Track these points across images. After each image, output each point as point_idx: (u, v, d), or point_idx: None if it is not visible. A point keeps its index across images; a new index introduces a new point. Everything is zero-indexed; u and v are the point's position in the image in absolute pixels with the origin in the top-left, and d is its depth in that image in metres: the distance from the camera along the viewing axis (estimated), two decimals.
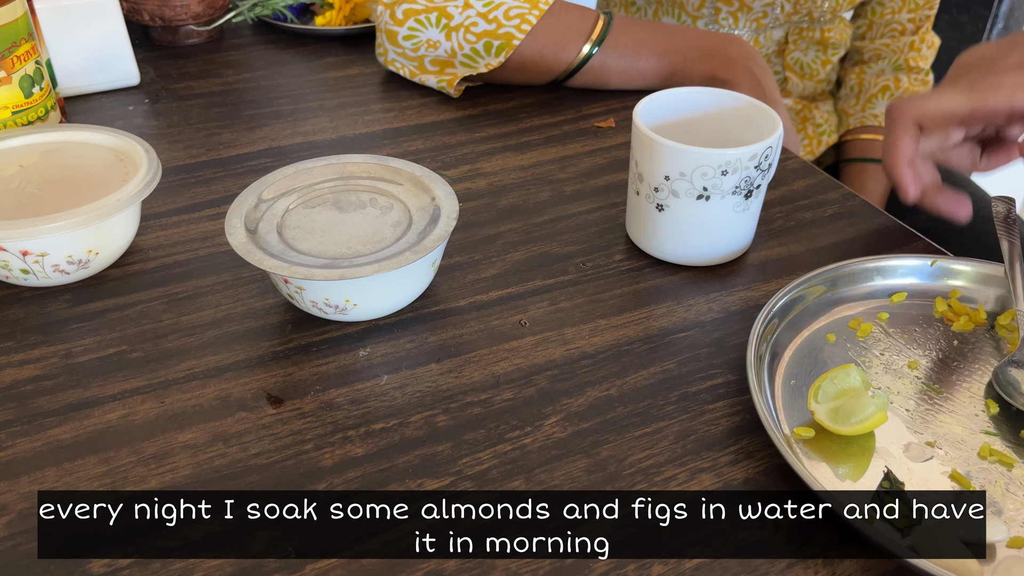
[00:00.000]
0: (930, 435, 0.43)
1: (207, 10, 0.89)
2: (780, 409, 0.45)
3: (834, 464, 0.42)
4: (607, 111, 0.77)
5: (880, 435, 0.43)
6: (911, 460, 0.42)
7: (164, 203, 0.63)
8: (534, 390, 0.47)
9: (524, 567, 0.37)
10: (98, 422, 0.44)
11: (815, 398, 0.44)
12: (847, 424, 0.42)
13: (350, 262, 0.47)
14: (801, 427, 0.43)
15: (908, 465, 0.42)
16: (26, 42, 0.62)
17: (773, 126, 0.53)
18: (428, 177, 0.53)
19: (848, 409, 0.42)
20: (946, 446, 0.43)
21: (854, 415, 0.42)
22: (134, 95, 0.80)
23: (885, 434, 0.43)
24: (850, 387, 0.43)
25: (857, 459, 0.42)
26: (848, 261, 0.52)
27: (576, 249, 0.58)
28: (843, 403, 0.43)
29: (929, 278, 0.53)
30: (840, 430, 0.42)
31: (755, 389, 0.43)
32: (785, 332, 0.49)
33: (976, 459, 0.42)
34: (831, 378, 0.44)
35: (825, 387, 0.44)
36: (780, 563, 0.38)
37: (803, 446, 0.43)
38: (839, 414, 0.43)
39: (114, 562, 0.37)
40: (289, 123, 0.75)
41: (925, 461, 0.42)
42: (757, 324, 0.46)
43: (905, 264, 0.53)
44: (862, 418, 0.42)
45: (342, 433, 0.44)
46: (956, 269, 0.53)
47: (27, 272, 0.51)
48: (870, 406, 0.42)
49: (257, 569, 0.37)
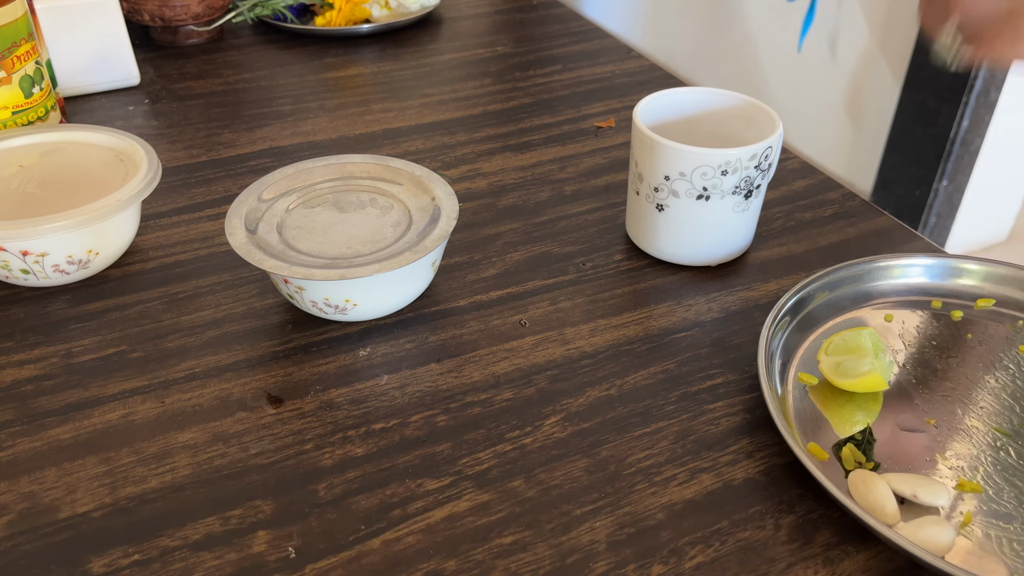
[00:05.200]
0: (934, 417, 0.44)
1: (207, 10, 0.89)
2: (798, 357, 0.47)
3: (830, 415, 0.44)
4: (607, 111, 0.77)
5: (887, 403, 0.45)
6: (899, 428, 0.43)
7: (164, 203, 0.63)
8: (534, 390, 0.47)
9: (524, 567, 0.37)
10: (98, 422, 0.44)
11: (825, 351, 0.46)
12: (845, 378, 0.44)
13: (350, 262, 0.47)
14: (806, 374, 0.46)
15: (893, 431, 0.43)
16: (26, 42, 0.62)
17: (773, 126, 0.53)
18: (428, 177, 0.53)
19: (849, 365, 0.45)
20: (945, 429, 0.43)
21: (852, 371, 0.44)
22: (134, 95, 0.80)
23: (891, 403, 0.45)
24: (859, 346, 0.45)
25: (852, 417, 0.44)
26: (962, 256, 0.53)
27: (576, 249, 0.58)
28: (847, 359, 0.45)
29: (1018, 289, 0.52)
30: (836, 381, 0.45)
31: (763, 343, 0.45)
32: (841, 298, 0.51)
33: (973, 450, 0.42)
34: (844, 336, 0.46)
35: (836, 342, 0.46)
36: (780, 563, 0.38)
37: (805, 389, 0.45)
38: (840, 368, 0.45)
39: (114, 562, 0.37)
40: (289, 123, 0.75)
41: (914, 433, 0.43)
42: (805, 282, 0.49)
43: (999, 272, 0.52)
44: (858, 374, 0.44)
45: (342, 433, 0.44)
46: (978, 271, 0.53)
47: (27, 272, 0.51)
48: (867, 365, 0.44)
49: (257, 569, 0.37)
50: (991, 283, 0.53)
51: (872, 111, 1.64)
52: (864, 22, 1.60)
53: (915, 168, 1.54)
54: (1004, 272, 0.52)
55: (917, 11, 0.50)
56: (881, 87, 1.61)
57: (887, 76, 1.59)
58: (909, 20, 1.51)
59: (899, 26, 1.54)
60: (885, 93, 1.60)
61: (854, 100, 1.68)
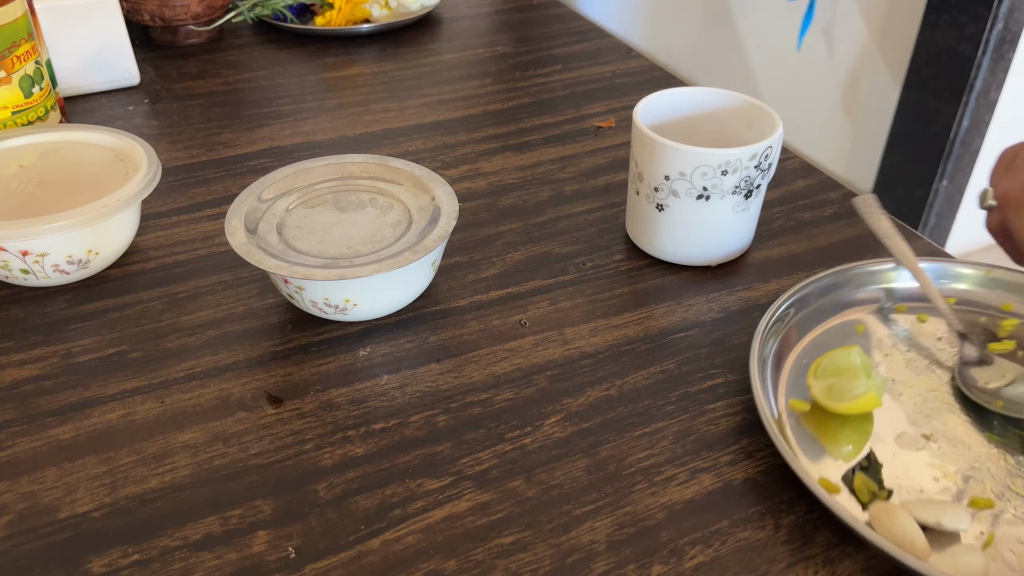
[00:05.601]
0: (929, 429, 0.44)
1: (207, 10, 0.89)
2: (783, 382, 0.46)
3: (824, 440, 0.42)
4: (607, 111, 0.77)
5: (878, 420, 0.44)
6: (899, 447, 0.42)
7: (164, 203, 0.63)
8: (534, 390, 0.46)
9: (524, 567, 0.37)
10: (98, 422, 0.44)
11: (814, 374, 0.45)
12: (840, 401, 0.43)
13: (350, 262, 0.47)
14: (797, 400, 0.44)
15: (894, 451, 0.42)
16: (26, 42, 0.62)
17: (773, 126, 0.53)
18: (428, 177, 0.53)
19: (842, 388, 0.43)
20: (942, 442, 0.43)
21: (848, 394, 0.43)
22: (134, 95, 0.80)
23: (883, 420, 0.44)
24: (849, 366, 0.44)
25: (849, 440, 0.43)
26: (921, 258, 0.52)
27: (576, 249, 0.58)
28: (839, 381, 0.44)
29: (984, 286, 0.52)
30: (832, 406, 0.43)
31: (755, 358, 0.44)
32: (814, 314, 0.49)
33: (973, 461, 0.42)
34: (832, 356, 0.45)
35: (824, 364, 0.45)
36: (780, 563, 0.38)
37: (798, 420, 0.43)
38: (833, 391, 0.43)
39: (114, 562, 0.37)
40: (289, 123, 0.75)
41: (916, 451, 0.42)
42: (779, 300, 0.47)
43: (963, 272, 0.52)
44: (854, 396, 0.43)
45: (342, 433, 0.44)
46: (1007, 280, 0.52)
47: (27, 272, 0.51)
48: (862, 386, 0.43)
49: (257, 569, 0.37)
50: (948, 279, 0.52)
51: (872, 111, 1.64)
52: (864, 22, 1.60)
53: (915, 168, 1.54)
54: (959, 270, 0.52)
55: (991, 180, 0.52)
56: (881, 87, 1.61)
57: (887, 76, 1.59)
58: (909, 20, 1.51)
59: (899, 26, 1.54)
60: (885, 93, 1.60)
61: (854, 100, 1.68)
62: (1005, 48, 1.39)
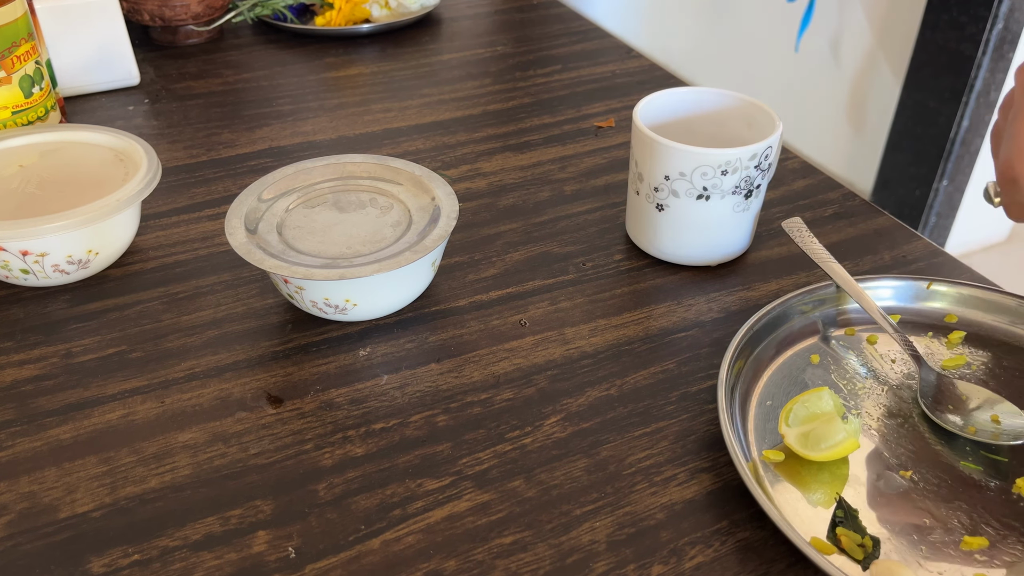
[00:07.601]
0: (907, 466, 0.42)
1: (207, 10, 0.89)
2: (751, 431, 0.43)
3: (804, 490, 0.40)
4: (607, 111, 0.77)
5: (853, 462, 0.42)
6: (881, 491, 0.40)
7: (164, 203, 0.63)
8: (534, 390, 0.47)
9: (524, 567, 0.37)
10: (98, 422, 0.44)
11: (786, 421, 0.42)
12: (817, 449, 0.40)
13: (350, 262, 0.47)
14: (771, 450, 0.42)
15: (876, 498, 0.40)
16: (26, 42, 0.62)
17: (773, 126, 0.53)
18: (428, 177, 0.53)
19: (819, 434, 0.41)
20: (921, 478, 0.41)
21: (824, 441, 0.40)
22: (134, 95, 0.80)
23: (858, 462, 0.42)
24: (822, 411, 0.42)
25: (827, 485, 0.40)
26: (859, 278, 0.50)
27: (576, 249, 0.58)
28: (814, 428, 0.41)
29: (920, 301, 0.51)
30: (810, 455, 0.41)
31: (723, 408, 0.41)
32: (766, 350, 0.47)
33: (956, 497, 0.40)
34: (803, 401, 0.42)
35: (796, 410, 0.42)
36: (780, 563, 0.38)
37: (773, 470, 0.41)
38: (809, 439, 0.41)
39: (114, 562, 0.37)
40: (289, 123, 0.75)
41: (896, 494, 0.40)
42: (732, 344, 0.45)
43: (896, 285, 0.51)
44: (832, 444, 0.40)
45: (342, 433, 0.44)
46: (948, 292, 0.51)
47: (27, 272, 0.51)
48: (840, 432, 0.40)
49: (257, 569, 0.37)
50: (890, 298, 0.51)
51: (872, 111, 1.64)
52: (865, 22, 1.60)
53: (915, 168, 1.54)
54: (899, 285, 0.51)
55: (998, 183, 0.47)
56: (881, 87, 1.61)
57: (887, 76, 1.59)
58: (909, 20, 1.51)
59: (900, 26, 1.54)
60: (885, 93, 1.60)
61: (854, 100, 1.68)
62: (1005, 48, 1.39)
